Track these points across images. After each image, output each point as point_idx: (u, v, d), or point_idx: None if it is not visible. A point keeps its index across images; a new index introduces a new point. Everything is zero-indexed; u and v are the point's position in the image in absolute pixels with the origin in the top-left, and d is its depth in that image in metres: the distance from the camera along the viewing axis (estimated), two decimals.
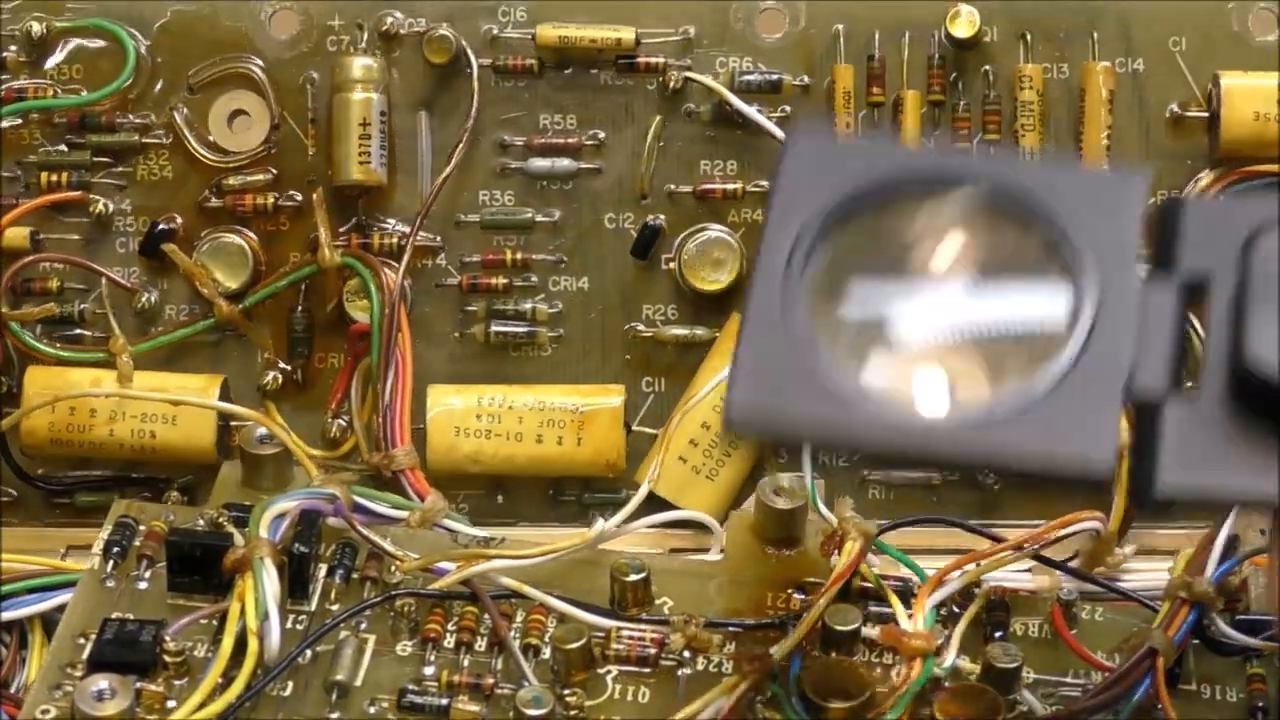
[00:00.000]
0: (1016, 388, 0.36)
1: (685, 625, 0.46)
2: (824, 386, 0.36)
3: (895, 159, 0.38)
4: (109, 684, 0.44)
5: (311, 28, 0.54)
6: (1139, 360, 0.37)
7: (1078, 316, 0.37)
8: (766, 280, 0.37)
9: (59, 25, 0.54)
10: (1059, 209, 0.38)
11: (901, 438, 0.36)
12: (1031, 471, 0.37)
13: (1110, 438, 0.36)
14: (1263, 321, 0.36)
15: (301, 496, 0.47)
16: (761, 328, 0.37)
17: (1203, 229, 0.37)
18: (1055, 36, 0.53)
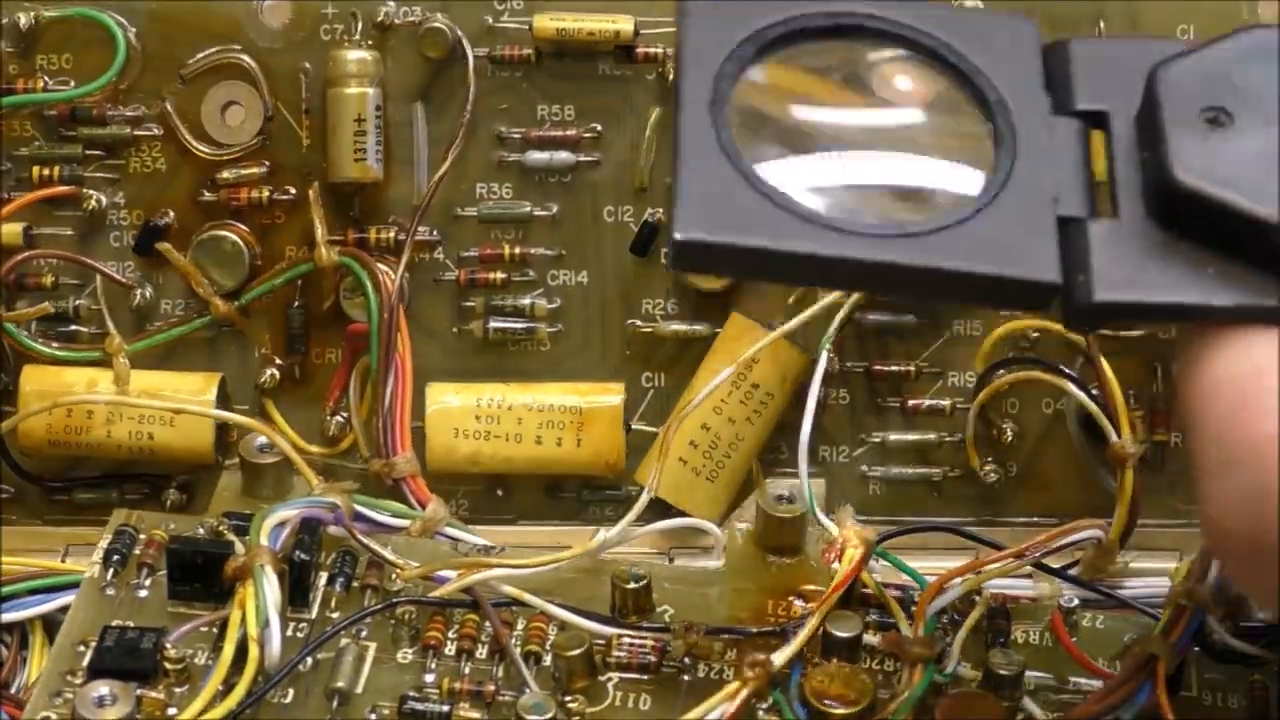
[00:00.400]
0: (949, 207, 0.38)
1: (686, 632, 0.46)
2: (768, 206, 0.37)
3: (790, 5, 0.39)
4: (109, 690, 0.44)
5: (304, 17, 0.53)
6: (1059, 189, 0.38)
7: (999, 147, 0.38)
8: (693, 115, 0.38)
9: (47, 15, 0.53)
10: (966, 49, 0.39)
11: (849, 249, 0.37)
12: (978, 285, 0.37)
13: (1051, 253, 0.38)
14: (1180, 145, 0.38)
15: (302, 505, 0.47)
16: (695, 157, 0.37)
17: (1091, 68, 0.40)
18: (1062, 27, 0.53)
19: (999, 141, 0.38)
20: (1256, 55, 0.38)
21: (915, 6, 0.40)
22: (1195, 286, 0.37)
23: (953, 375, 0.52)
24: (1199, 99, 0.38)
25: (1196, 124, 0.38)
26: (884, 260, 0.37)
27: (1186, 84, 0.38)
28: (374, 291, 0.51)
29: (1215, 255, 0.37)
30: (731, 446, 0.51)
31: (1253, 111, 0.38)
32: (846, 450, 0.53)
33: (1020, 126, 0.39)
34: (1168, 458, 0.52)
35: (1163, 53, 0.39)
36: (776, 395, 0.51)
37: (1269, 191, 0.37)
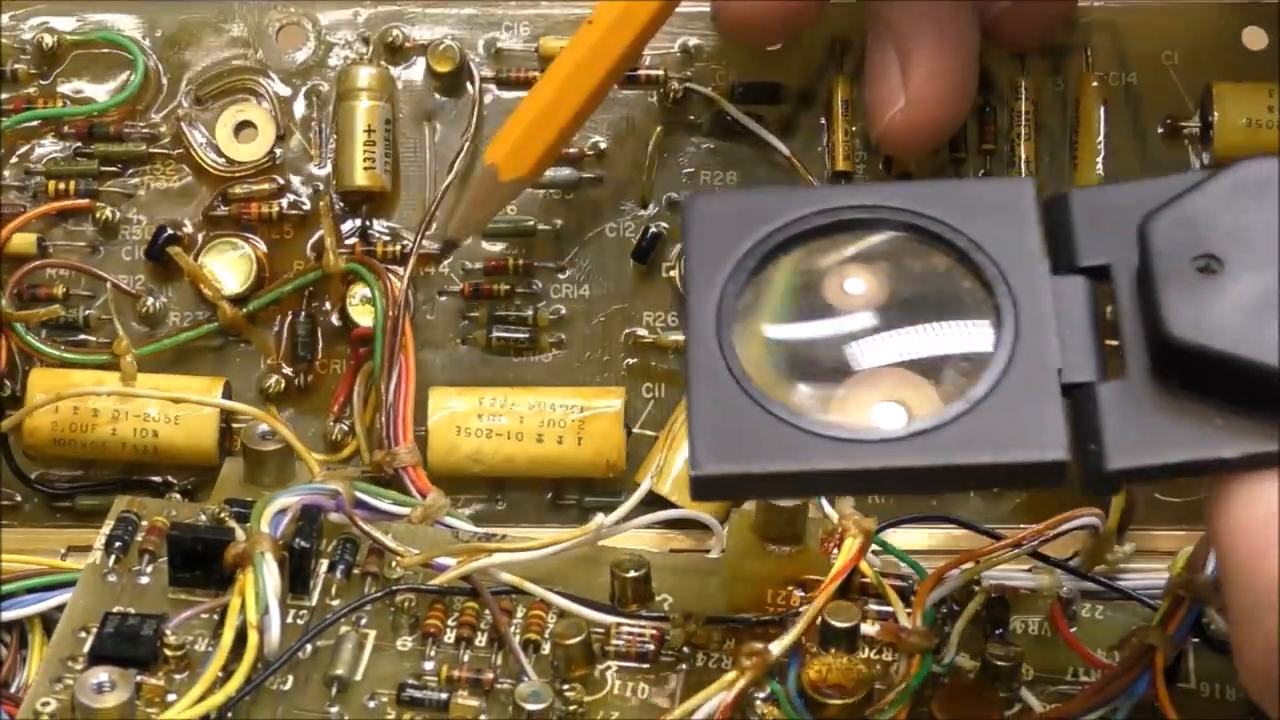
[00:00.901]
0: (958, 397, 0.38)
1: (685, 621, 0.46)
2: (780, 428, 0.38)
3: (791, 203, 0.40)
4: (109, 676, 0.44)
5: (319, 42, 0.55)
6: (1066, 354, 0.38)
7: (1000, 322, 0.38)
8: (701, 339, 0.39)
9: (69, 37, 0.54)
10: (960, 224, 0.40)
11: (864, 458, 0.38)
12: (989, 472, 0.38)
13: (1058, 427, 0.38)
14: (1174, 298, 0.38)
15: (303, 492, 0.47)
16: (707, 386, 0.38)
17: (1091, 219, 0.39)
18: (1050, 51, 0.54)
19: (1001, 319, 0.39)
20: (1241, 193, 0.38)
21: (911, 189, 0.41)
22: (1204, 441, 0.37)
23: None
24: (1189, 248, 0.38)
25: (1188, 274, 0.38)
26: (895, 465, 0.38)
27: (1175, 233, 0.38)
28: (380, 294, 0.51)
29: (1220, 406, 0.37)
30: None
31: (1242, 255, 0.38)
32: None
33: (1022, 297, 0.39)
34: None
35: (1159, 197, 0.39)
36: None
37: (1265, 337, 0.37)
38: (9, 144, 0.54)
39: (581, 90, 0.50)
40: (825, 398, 0.39)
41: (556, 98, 0.50)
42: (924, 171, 0.53)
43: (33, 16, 0.54)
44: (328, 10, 0.55)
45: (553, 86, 0.50)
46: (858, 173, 0.54)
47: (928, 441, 0.38)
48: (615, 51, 0.50)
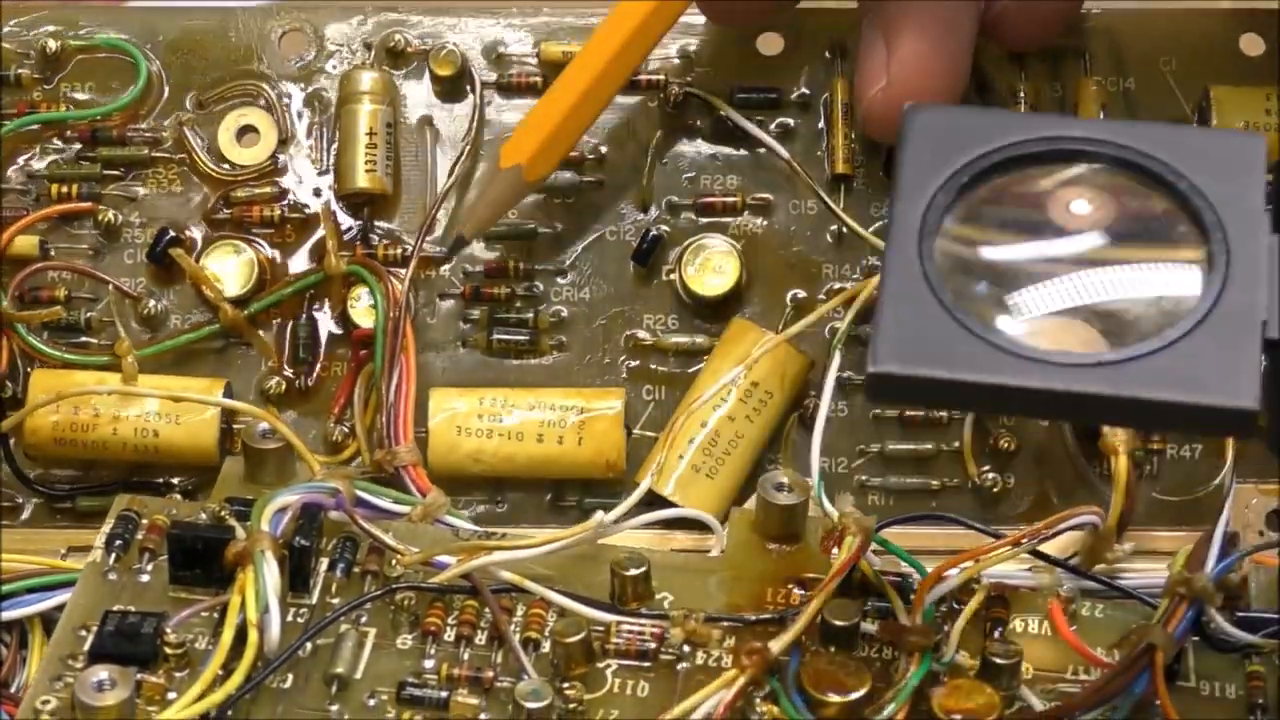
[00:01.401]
0: (1153, 333, 0.38)
1: (685, 620, 0.46)
2: (966, 338, 0.37)
3: (1017, 126, 0.40)
4: (109, 675, 0.44)
5: (320, 48, 0.55)
6: (1274, 310, 0.38)
7: (1212, 269, 0.38)
8: (901, 244, 0.39)
9: (73, 43, 0.55)
10: (1185, 169, 0.39)
11: (1047, 379, 0.37)
12: (1173, 413, 0.37)
13: (1252, 380, 0.37)
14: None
15: (303, 490, 0.47)
16: (900, 289, 0.38)
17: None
18: (1048, 55, 0.54)
19: (1212, 265, 0.38)
20: None
21: (1134, 127, 0.40)
22: None
23: None
24: None
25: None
26: (1078, 390, 0.37)
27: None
28: (382, 295, 0.52)
29: None
30: (731, 444, 0.52)
31: None
32: (845, 461, 0.53)
33: (1236, 247, 0.38)
34: (1163, 465, 0.53)
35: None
36: (776, 394, 0.52)
37: None
38: (12, 148, 0.54)
39: (605, 92, 0.51)
40: (1021, 318, 0.38)
41: (582, 99, 0.50)
42: None
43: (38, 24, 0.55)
44: (330, 16, 0.55)
45: (578, 88, 0.50)
46: (858, 177, 0.54)
47: (1118, 372, 0.37)
48: (640, 51, 0.50)
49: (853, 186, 0.54)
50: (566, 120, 0.51)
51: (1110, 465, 0.49)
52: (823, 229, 0.54)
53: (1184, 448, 0.53)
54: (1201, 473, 0.53)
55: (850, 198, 0.54)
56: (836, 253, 0.54)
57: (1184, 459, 0.53)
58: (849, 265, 0.54)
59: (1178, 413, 0.38)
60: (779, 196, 0.54)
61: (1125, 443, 0.48)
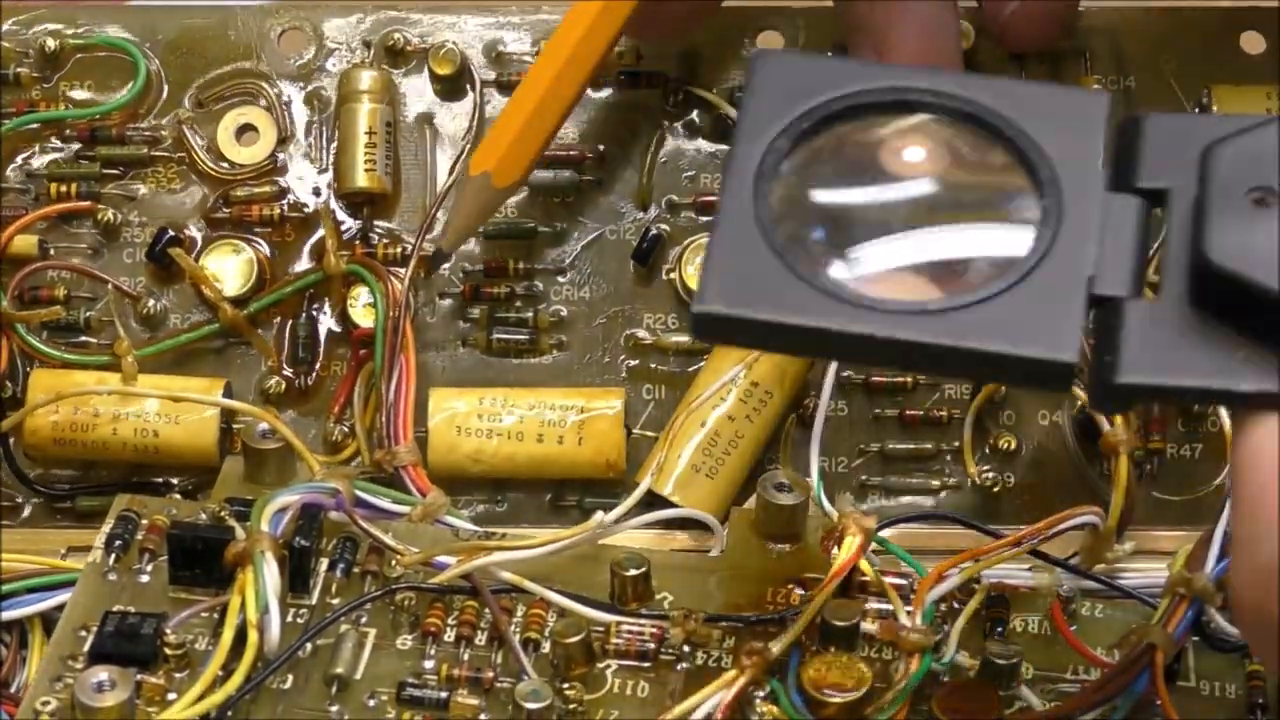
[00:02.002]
0: (981, 284, 0.38)
1: (685, 620, 0.46)
2: (792, 281, 0.38)
3: (861, 76, 0.40)
4: (109, 676, 0.44)
5: (320, 46, 0.55)
6: (1102, 266, 0.38)
7: (1043, 222, 0.38)
8: (736, 187, 0.39)
9: (72, 41, 0.55)
10: (1025, 124, 0.39)
11: (867, 325, 0.37)
12: (993, 363, 0.37)
13: (1073, 332, 0.37)
14: (1221, 224, 0.37)
15: (303, 490, 0.47)
16: (732, 231, 0.38)
17: (1160, 144, 0.39)
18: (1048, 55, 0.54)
19: (1045, 219, 0.38)
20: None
21: (981, 81, 0.40)
22: (1222, 371, 0.37)
23: (949, 388, 0.53)
24: (1247, 179, 0.38)
25: (1241, 204, 0.38)
26: (899, 337, 0.37)
27: (1237, 163, 0.38)
28: (381, 295, 0.52)
29: (1247, 340, 0.37)
30: (731, 444, 0.51)
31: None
32: (845, 460, 0.53)
33: (1070, 204, 0.39)
34: (1163, 465, 0.53)
35: (1232, 129, 0.39)
36: (775, 394, 0.52)
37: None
38: (11, 147, 0.54)
39: (566, 92, 0.50)
40: (849, 263, 0.38)
41: (542, 102, 0.50)
42: None
43: (37, 23, 0.55)
44: (329, 15, 0.55)
45: (537, 91, 0.50)
46: None
47: (940, 320, 0.37)
48: (596, 51, 0.50)
49: None
50: (530, 123, 0.50)
51: (1110, 465, 0.49)
52: None
53: (1184, 447, 0.53)
54: (1201, 473, 0.53)
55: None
56: None
57: (1184, 459, 0.53)
58: None
59: (998, 363, 0.38)
60: None
61: (1125, 443, 0.48)
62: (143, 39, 0.55)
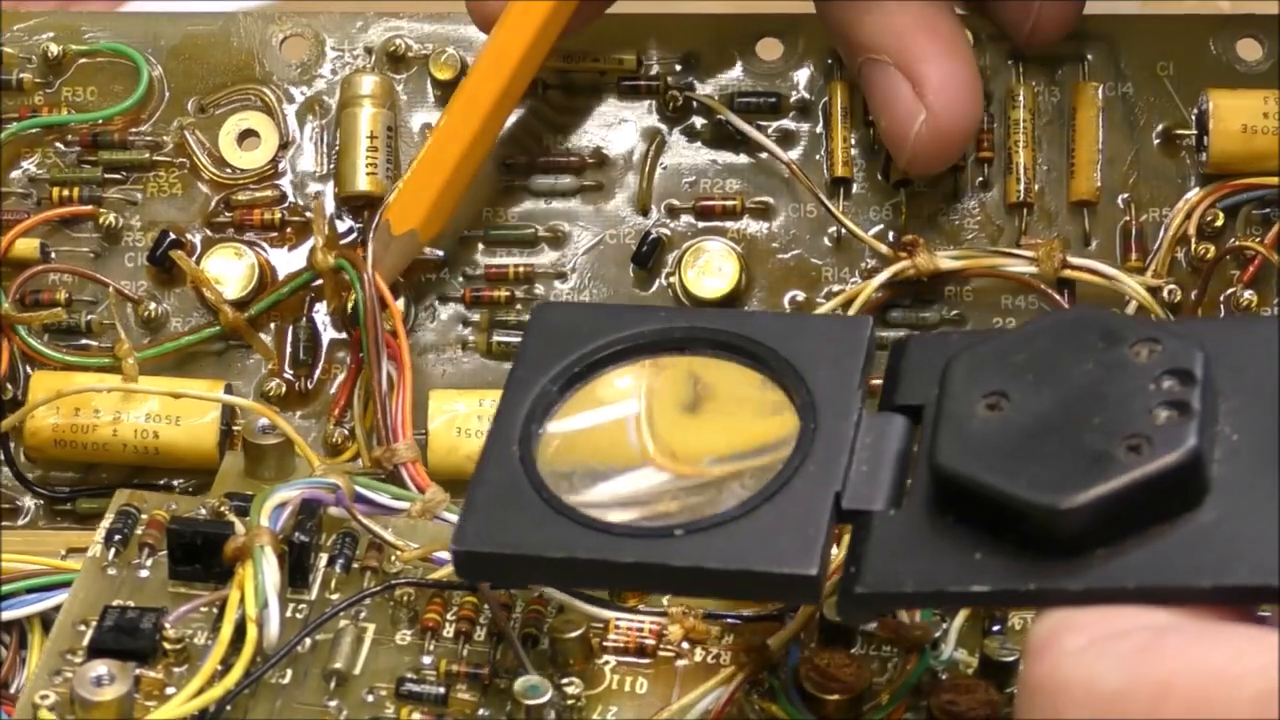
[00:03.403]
0: (730, 505, 0.40)
1: (683, 616, 0.46)
2: (548, 516, 0.40)
3: (628, 323, 0.43)
4: (108, 670, 0.44)
5: (321, 52, 0.55)
6: (856, 483, 0.40)
7: (797, 445, 0.41)
8: (503, 429, 0.41)
9: (75, 47, 0.55)
10: (787, 352, 0.42)
11: (620, 553, 0.40)
12: (741, 579, 0.40)
13: (816, 544, 0.39)
14: (953, 431, 0.39)
15: (303, 486, 0.47)
16: (494, 469, 0.41)
17: (917, 363, 0.42)
18: (1047, 60, 0.54)
19: (799, 443, 0.41)
20: (1046, 336, 0.40)
21: (744, 317, 0.44)
22: (958, 573, 0.38)
23: None
24: (982, 385, 0.39)
25: (974, 409, 0.39)
26: (648, 561, 0.40)
27: (973, 370, 0.40)
28: (361, 288, 0.51)
29: (983, 539, 0.38)
30: None
31: (1027, 390, 0.39)
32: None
33: (825, 424, 0.41)
34: None
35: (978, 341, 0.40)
36: None
37: (1021, 468, 0.38)
38: (13, 151, 0.54)
39: (485, 142, 0.51)
40: (602, 495, 0.41)
41: (462, 157, 0.51)
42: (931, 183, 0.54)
43: (41, 30, 0.55)
44: (331, 21, 0.55)
45: (458, 147, 0.51)
46: (857, 180, 0.54)
47: (688, 543, 0.40)
48: (513, 99, 0.51)
49: (852, 190, 0.54)
50: (451, 180, 0.51)
51: None
52: (822, 232, 0.54)
53: None
54: None
55: (849, 201, 0.54)
56: (835, 256, 0.54)
57: None
58: (848, 268, 0.54)
59: (745, 581, 0.40)
60: (778, 200, 0.54)
61: None
62: (145, 45, 0.55)
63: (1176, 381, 0.38)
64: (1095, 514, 0.37)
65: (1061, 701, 0.36)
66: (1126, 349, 0.39)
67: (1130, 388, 0.38)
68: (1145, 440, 0.37)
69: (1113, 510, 0.37)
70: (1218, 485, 0.38)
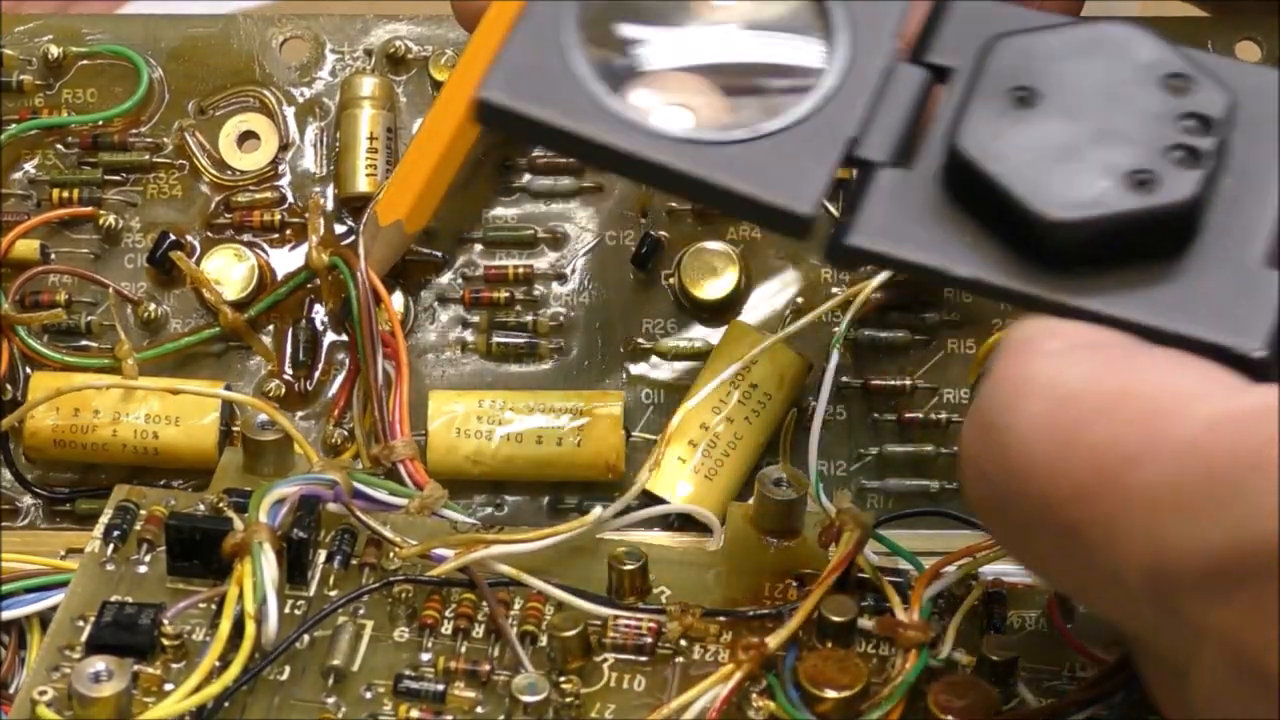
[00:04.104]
0: (747, 126, 0.40)
1: (682, 614, 0.46)
2: (575, 90, 0.39)
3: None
4: (106, 666, 0.44)
5: (321, 54, 0.55)
6: (869, 130, 0.40)
7: (820, 81, 0.40)
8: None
9: (75, 49, 0.55)
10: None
11: (628, 141, 0.39)
12: (736, 201, 0.39)
13: (815, 189, 0.39)
14: (978, 114, 0.39)
15: (302, 482, 0.47)
16: (530, 31, 0.40)
17: (959, 24, 0.41)
18: None
19: (827, 74, 0.40)
20: (1092, 47, 0.40)
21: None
22: (944, 251, 0.39)
23: (948, 392, 0.53)
24: (1017, 75, 0.39)
25: (1004, 99, 0.39)
26: (659, 161, 0.39)
27: (1012, 58, 0.40)
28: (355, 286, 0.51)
29: (977, 227, 0.39)
30: (730, 445, 0.52)
31: (1060, 100, 0.39)
32: (844, 464, 0.53)
33: (854, 64, 0.40)
34: None
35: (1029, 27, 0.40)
36: (775, 396, 0.52)
37: (1038, 179, 0.38)
38: (14, 153, 0.55)
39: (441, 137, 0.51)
40: (636, 82, 0.40)
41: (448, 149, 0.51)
42: None
43: (41, 32, 0.55)
44: (330, 23, 0.55)
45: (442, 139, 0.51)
46: None
47: (698, 152, 0.39)
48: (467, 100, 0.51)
49: None
50: (437, 170, 0.51)
51: None
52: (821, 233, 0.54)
53: None
54: None
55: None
56: None
57: None
58: None
59: (742, 204, 0.39)
60: None
61: None
62: (145, 47, 0.55)
63: (1198, 124, 0.39)
64: (1084, 233, 0.38)
65: (1023, 391, 0.37)
66: (1162, 78, 0.39)
67: (1155, 116, 0.39)
68: (1153, 177, 0.38)
69: (1102, 235, 0.38)
70: (1207, 234, 0.38)
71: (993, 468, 0.37)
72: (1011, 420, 0.37)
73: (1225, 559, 0.34)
